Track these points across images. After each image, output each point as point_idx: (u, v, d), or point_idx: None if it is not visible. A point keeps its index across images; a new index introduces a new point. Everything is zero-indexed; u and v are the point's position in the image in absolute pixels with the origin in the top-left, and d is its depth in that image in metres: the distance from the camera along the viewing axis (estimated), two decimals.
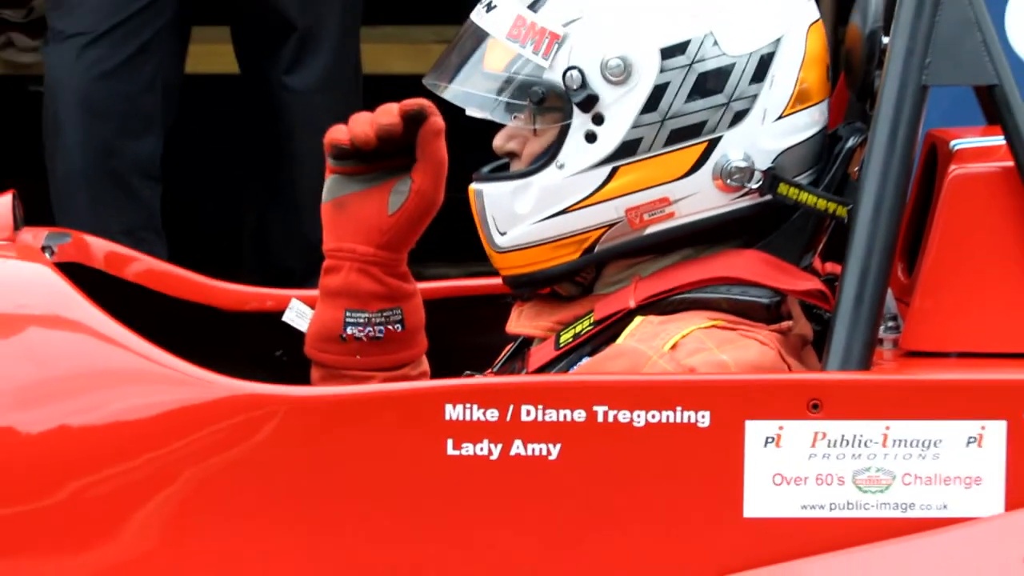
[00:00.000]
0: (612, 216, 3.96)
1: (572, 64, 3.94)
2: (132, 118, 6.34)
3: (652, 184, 3.95)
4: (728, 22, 3.99)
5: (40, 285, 3.78)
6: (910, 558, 3.52)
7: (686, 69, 3.95)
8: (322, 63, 6.37)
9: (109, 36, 6.10)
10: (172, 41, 6.20)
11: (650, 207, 3.96)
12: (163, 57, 6.06)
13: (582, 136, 3.96)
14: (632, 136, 3.94)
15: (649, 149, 3.95)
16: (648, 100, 3.93)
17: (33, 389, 3.62)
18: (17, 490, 3.55)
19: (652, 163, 3.97)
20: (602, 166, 3.95)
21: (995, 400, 3.52)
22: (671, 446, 3.52)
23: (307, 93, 6.51)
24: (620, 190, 3.96)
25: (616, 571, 3.59)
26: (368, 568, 3.62)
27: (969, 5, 3.71)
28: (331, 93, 6.39)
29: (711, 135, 3.94)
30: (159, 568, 3.58)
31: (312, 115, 6.28)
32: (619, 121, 3.95)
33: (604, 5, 4.02)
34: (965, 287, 3.69)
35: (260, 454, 3.58)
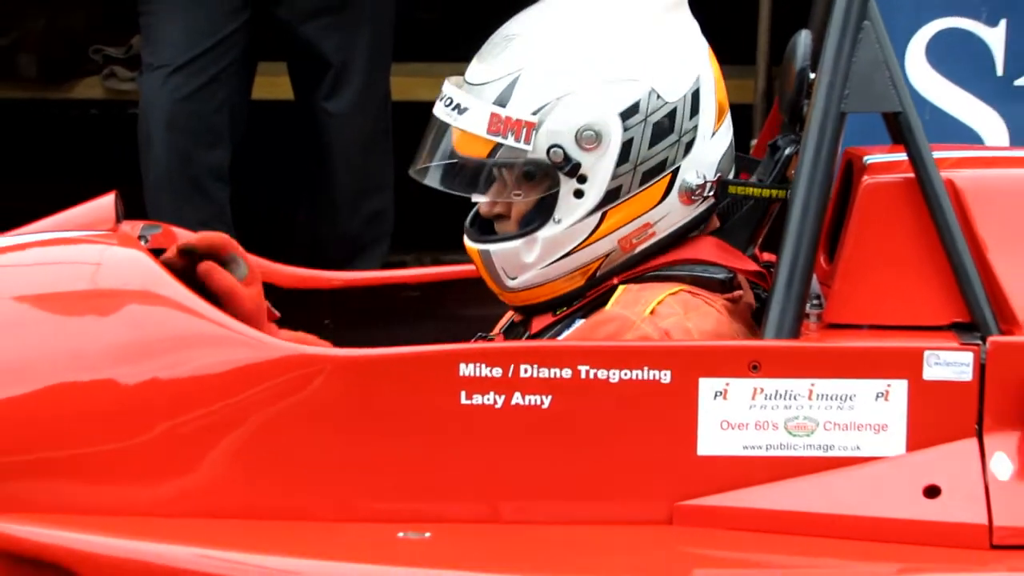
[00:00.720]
0: (608, 248, 3.93)
1: (552, 143, 3.86)
2: (206, 133, 6.35)
3: (635, 216, 3.91)
4: (661, 76, 3.96)
5: (136, 266, 3.69)
6: (830, 489, 3.49)
7: (643, 123, 3.90)
8: (353, 92, 6.38)
9: (187, 68, 6.19)
10: (239, 73, 6.29)
11: (636, 233, 3.93)
12: (231, 85, 6.19)
13: (571, 194, 3.89)
14: (613, 186, 3.88)
15: (628, 192, 3.90)
16: (620, 155, 3.87)
17: (130, 349, 3.56)
18: (118, 429, 3.48)
19: (632, 201, 3.91)
20: (593, 214, 3.88)
21: (898, 363, 3.49)
22: (639, 398, 3.49)
23: (341, 116, 6.48)
24: (611, 228, 3.90)
25: (595, 496, 3.57)
26: (395, 491, 3.55)
27: (879, 48, 3.70)
28: (361, 116, 6.43)
29: (672, 167, 3.91)
30: (230, 491, 3.51)
31: (345, 134, 6.38)
32: (600, 177, 3.88)
33: (564, 90, 3.95)
34: (874, 273, 3.66)
35: (310, 403, 3.54)
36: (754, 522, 3.50)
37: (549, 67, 3.97)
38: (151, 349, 3.57)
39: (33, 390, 3.53)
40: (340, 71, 6.27)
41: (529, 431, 3.49)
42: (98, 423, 3.51)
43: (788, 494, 3.48)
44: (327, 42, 6.24)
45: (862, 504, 3.48)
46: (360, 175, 6.36)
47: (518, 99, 3.91)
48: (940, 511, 3.38)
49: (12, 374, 3.56)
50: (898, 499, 3.44)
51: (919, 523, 3.41)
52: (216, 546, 3.37)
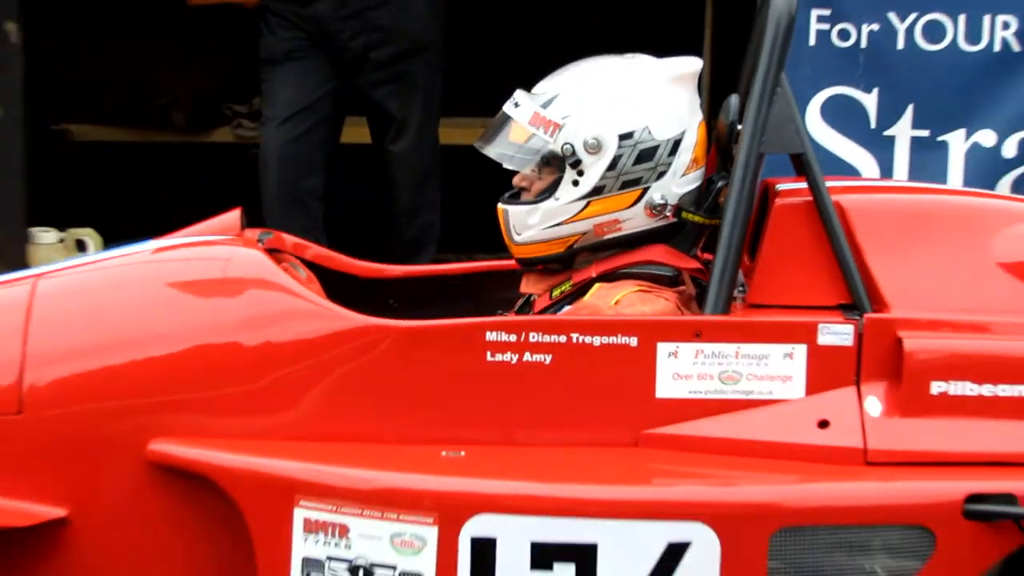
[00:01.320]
0: (585, 228, 4.05)
1: (566, 141, 4.00)
2: (306, 166, 6.35)
3: (609, 212, 4.03)
4: (657, 120, 4.06)
5: (254, 261, 3.89)
6: (751, 422, 3.64)
7: (632, 147, 4.02)
8: (410, 139, 6.37)
9: (292, 119, 6.14)
10: (330, 123, 6.30)
11: (608, 224, 4.05)
12: (325, 132, 6.12)
13: (570, 182, 4.03)
14: (599, 184, 4.02)
15: (609, 192, 4.03)
16: (610, 164, 4.01)
17: (250, 321, 3.74)
18: (243, 377, 3.67)
19: (610, 200, 4.03)
20: (580, 200, 4.01)
21: (800, 333, 3.64)
22: (614, 357, 3.65)
23: (401, 156, 6.45)
24: (591, 215, 4.03)
25: (583, 426, 3.69)
26: (439, 423, 3.70)
27: (788, 108, 3.81)
28: (416, 155, 6.41)
29: (645, 185, 4.03)
30: (323, 421, 3.69)
31: (404, 169, 6.38)
32: (592, 175, 4.02)
33: (586, 108, 4.05)
34: (783, 269, 3.82)
35: (379, 359, 3.69)
36: (696, 445, 3.65)
37: (582, 92, 4.13)
38: (266, 320, 3.74)
39: (184, 349, 3.71)
40: (400, 124, 6.34)
41: (535, 380, 3.65)
42: (229, 373, 3.69)
43: (721, 425, 3.64)
44: (391, 103, 6.32)
45: (774, 433, 3.61)
46: (415, 198, 6.42)
47: (555, 107, 4.06)
48: (830, 438, 3.54)
49: (169, 338, 3.73)
50: (800, 429, 3.58)
51: (815, 447, 3.55)
52: (314, 461, 3.54)
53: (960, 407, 3.57)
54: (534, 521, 3.41)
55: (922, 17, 5.85)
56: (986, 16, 5.83)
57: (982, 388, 3.55)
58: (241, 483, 3.50)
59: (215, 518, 3.60)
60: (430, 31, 6.37)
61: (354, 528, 3.42)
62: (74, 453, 3.65)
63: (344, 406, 3.73)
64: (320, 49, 6.25)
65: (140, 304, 3.91)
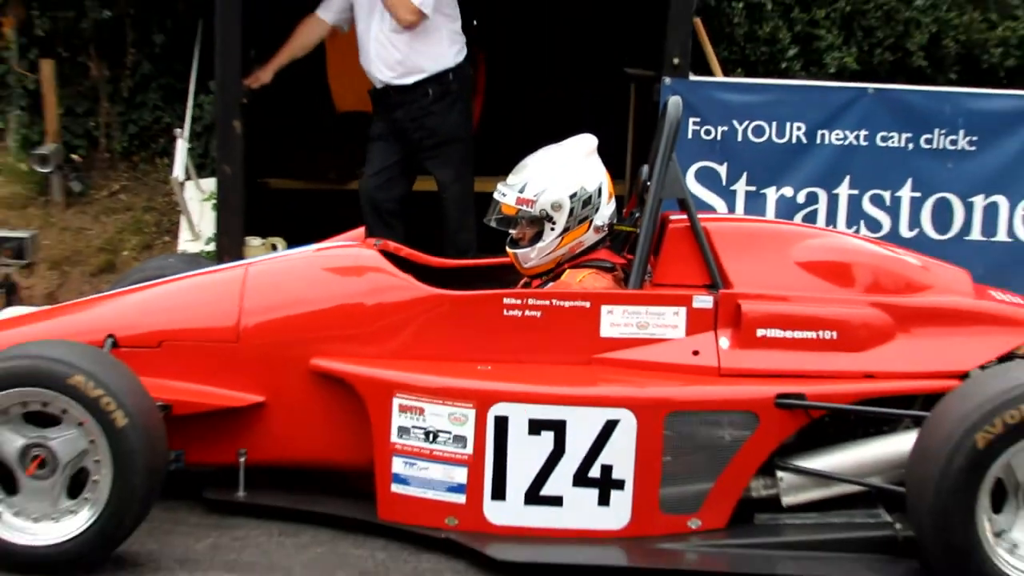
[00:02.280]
0: (563, 252, 4.18)
1: (541, 208, 4.11)
2: (390, 204, 6.08)
3: (575, 239, 4.16)
4: (586, 179, 4.16)
5: (372, 256, 4.09)
6: (654, 351, 3.88)
7: (578, 200, 4.13)
8: (450, 191, 6.07)
9: (377, 175, 5.96)
10: (404, 177, 6.11)
11: (575, 246, 4.18)
12: (401, 184, 6.08)
13: (549, 230, 4.16)
14: (565, 226, 4.13)
15: (571, 228, 4.14)
16: (568, 214, 4.11)
17: (369, 290, 3.92)
18: (363, 323, 3.88)
19: (573, 232, 4.14)
20: (557, 238, 4.13)
21: (682, 300, 3.84)
22: (576, 313, 3.86)
23: (446, 200, 6.09)
24: (565, 244, 4.17)
25: (559, 352, 3.92)
26: (477, 349, 3.89)
27: (676, 171, 4.00)
28: (454, 201, 6.07)
29: (590, 217, 4.16)
30: (412, 349, 3.87)
31: (449, 208, 6.06)
32: (560, 223, 4.12)
33: (547, 185, 4.14)
34: (674, 264, 3.99)
35: (442, 314, 3.91)
36: (623, 364, 3.85)
37: (540, 177, 4.19)
38: (378, 290, 3.96)
39: (331, 306, 3.97)
40: (443, 183, 6.11)
41: (531, 326, 3.89)
42: (356, 320, 3.94)
43: (637, 352, 3.86)
44: (436, 171, 6.10)
45: (667, 357, 3.86)
46: (457, 224, 6.16)
47: (528, 190, 4.14)
48: (699, 360, 3.84)
49: (322, 299, 3.98)
50: (682, 355, 3.86)
51: (691, 365, 3.83)
52: (404, 371, 3.78)
53: (773, 344, 3.84)
54: (530, 407, 3.69)
55: (751, 123, 5.95)
56: (787, 122, 5.94)
57: (786, 333, 3.83)
58: (363, 383, 3.79)
59: (346, 404, 3.86)
60: (460, 130, 6.15)
61: (427, 410, 3.71)
62: (268, 366, 3.94)
63: (421, 340, 3.96)
64: (396, 136, 6.09)
65: (306, 279, 4.15)
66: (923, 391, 3.79)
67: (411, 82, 5.96)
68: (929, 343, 3.88)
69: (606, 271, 4.27)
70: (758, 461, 3.73)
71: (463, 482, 3.72)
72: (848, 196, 6.12)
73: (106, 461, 3.39)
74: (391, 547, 3.78)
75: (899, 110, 6.06)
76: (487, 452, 3.71)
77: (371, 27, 5.97)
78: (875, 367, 3.83)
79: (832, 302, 3.96)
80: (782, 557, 3.67)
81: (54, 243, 6.62)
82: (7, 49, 6.92)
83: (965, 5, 7.38)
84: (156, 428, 3.52)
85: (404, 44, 5.93)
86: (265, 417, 3.95)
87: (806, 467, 3.78)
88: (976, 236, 6.09)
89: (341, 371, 3.85)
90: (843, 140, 6.04)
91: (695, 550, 3.67)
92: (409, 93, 5.99)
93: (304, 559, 3.69)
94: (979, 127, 6.04)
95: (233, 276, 4.14)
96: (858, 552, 3.68)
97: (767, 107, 6.06)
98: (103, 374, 3.44)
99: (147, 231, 6.84)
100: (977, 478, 3.27)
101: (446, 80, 6.02)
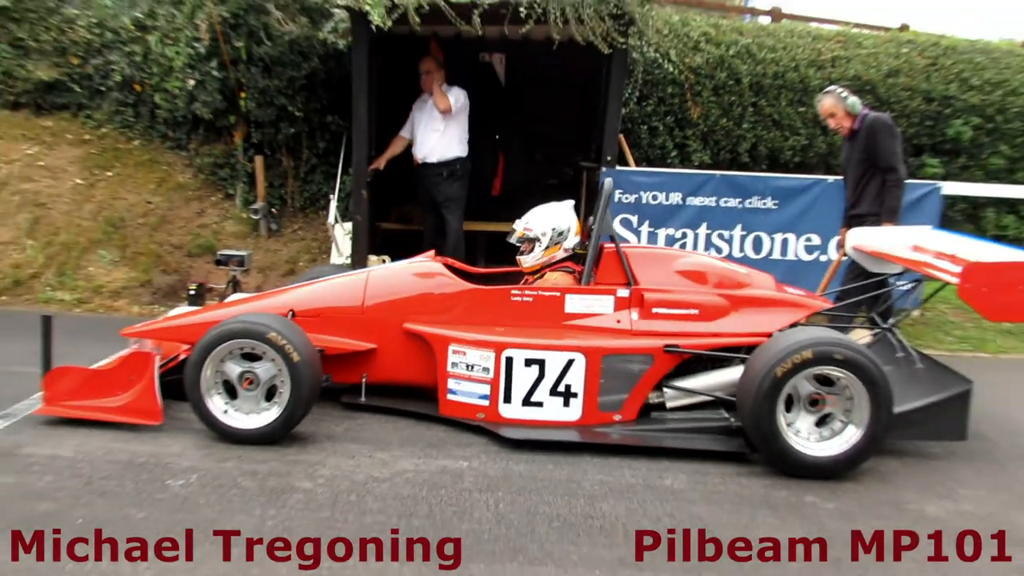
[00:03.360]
0: (545, 260, 4.10)
1: (535, 235, 4.07)
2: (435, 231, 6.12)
3: (551, 254, 4.10)
4: (559, 223, 4.09)
5: (436, 267, 4.00)
6: (595, 320, 3.79)
7: (556, 232, 4.09)
8: (452, 227, 5.89)
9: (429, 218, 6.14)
10: (433, 211, 6.09)
11: (552, 258, 4.10)
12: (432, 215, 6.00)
13: (538, 246, 4.09)
14: (547, 245, 4.08)
15: (549, 248, 4.08)
16: (550, 240, 4.07)
17: (436, 285, 3.90)
18: (433, 307, 3.86)
19: (550, 249, 4.10)
20: (543, 253, 4.07)
21: (610, 292, 3.79)
22: (552, 299, 3.81)
23: (449, 233, 5.96)
24: (546, 255, 4.09)
25: (547, 324, 3.80)
26: (493, 320, 3.80)
27: (608, 220, 3.97)
28: (455, 233, 5.94)
29: (561, 243, 4.09)
30: (456, 320, 3.81)
31: (451, 236, 5.85)
32: (544, 243, 4.08)
33: (541, 225, 4.10)
34: (606, 273, 3.90)
35: (476, 300, 3.84)
36: (577, 329, 3.76)
37: (536, 219, 4.13)
38: (441, 285, 3.89)
39: (414, 295, 3.88)
40: (450, 222, 5.88)
41: (527, 306, 3.81)
42: (428, 303, 3.87)
43: (586, 321, 3.78)
44: (446, 213, 5.89)
45: (603, 323, 3.76)
46: (455, 244, 5.94)
47: (529, 224, 4.08)
48: (620, 326, 3.77)
49: (409, 291, 3.89)
50: (610, 322, 3.77)
51: (615, 328, 3.73)
52: (455, 331, 3.72)
53: (662, 317, 3.78)
54: (525, 351, 3.65)
55: (650, 193, 6.02)
56: (670, 192, 6.05)
57: (669, 311, 3.79)
58: (433, 338, 3.76)
59: (422, 349, 3.80)
60: (458, 194, 6.00)
61: (468, 352, 3.70)
62: (379, 327, 3.87)
63: (464, 314, 3.85)
64: (421, 177, 5.92)
65: (401, 279, 4.00)
66: (746, 344, 3.74)
67: (433, 160, 5.97)
68: (750, 317, 3.85)
69: (569, 273, 4.13)
70: (653, 382, 3.72)
71: (487, 393, 3.71)
72: (705, 234, 6.20)
73: (287, 381, 3.49)
74: (448, 429, 3.80)
75: (734, 186, 6.17)
76: (500, 376, 3.68)
77: (421, 124, 6.00)
78: (720, 330, 3.77)
79: (694, 293, 3.88)
80: (666, 436, 3.64)
81: (260, 258, 6.71)
82: (236, 149, 7.02)
83: (771, 127, 7.46)
84: (315, 362, 3.58)
85: (436, 137, 5.95)
86: (377, 356, 3.92)
87: (680, 386, 3.76)
88: (776, 256, 6.17)
89: (420, 331, 3.82)
90: (702, 202, 6.16)
91: (617, 432, 3.65)
92: (433, 169, 6.00)
93: (398, 436, 3.73)
94: (778, 195, 6.16)
95: (360, 277, 4.04)
96: (709, 434, 3.67)
97: (659, 184, 6.14)
98: (286, 332, 3.51)
99: (312, 252, 6.87)
100: (776, 393, 3.34)
101: (453, 166, 6.01)
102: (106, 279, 6.27)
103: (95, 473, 3.19)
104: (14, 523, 2.77)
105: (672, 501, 3.19)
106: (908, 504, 3.26)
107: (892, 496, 3.33)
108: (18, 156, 6.86)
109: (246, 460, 3.40)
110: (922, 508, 3.23)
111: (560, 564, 2.66)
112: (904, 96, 7.69)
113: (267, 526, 2.83)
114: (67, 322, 5.28)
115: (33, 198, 6.65)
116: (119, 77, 7.07)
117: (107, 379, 3.74)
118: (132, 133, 7.25)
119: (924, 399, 3.58)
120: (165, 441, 3.55)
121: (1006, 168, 7.96)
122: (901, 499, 3.31)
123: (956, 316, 6.65)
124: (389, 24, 5.29)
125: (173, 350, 4.06)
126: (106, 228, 6.60)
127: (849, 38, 7.93)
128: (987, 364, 5.72)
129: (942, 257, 3.60)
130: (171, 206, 6.92)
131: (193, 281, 5.00)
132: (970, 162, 7.90)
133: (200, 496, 3.03)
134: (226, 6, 6.30)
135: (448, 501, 3.10)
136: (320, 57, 6.73)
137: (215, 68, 6.52)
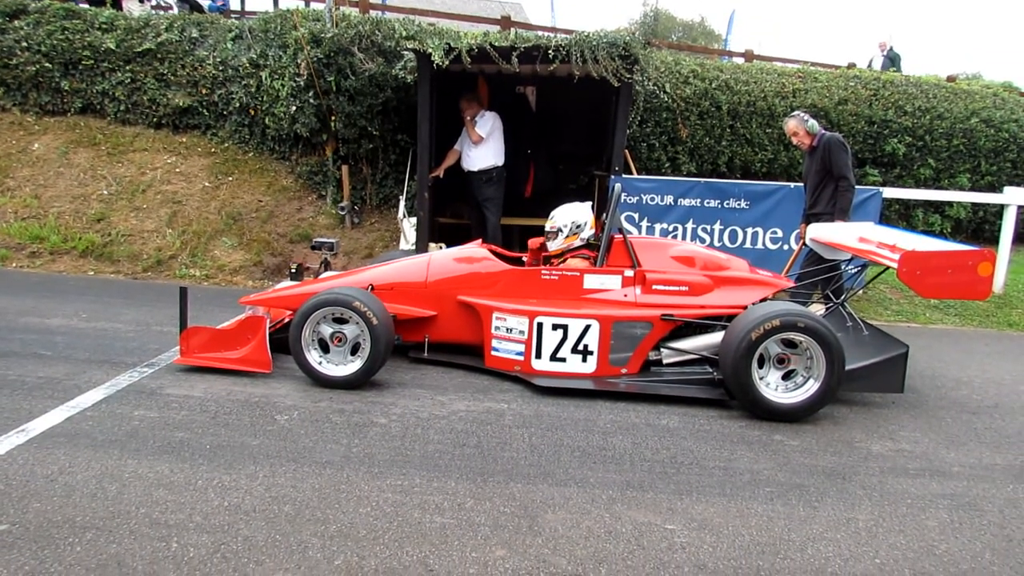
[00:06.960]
0: (565, 247, 3.95)
1: (560, 226, 3.93)
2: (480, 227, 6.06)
3: (570, 242, 3.96)
4: (578, 219, 3.97)
5: (483, 252, 3.88)
6: (605, 295, 3.68)
7: (575, 225, 3.95)
8: (491, 221, 5.74)
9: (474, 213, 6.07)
10: (476, 208, 6.01)
11: (571, 244, 3.97)
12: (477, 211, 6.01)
13: (562, 235, 3.96)
14: (568, 234, 3.94)
15: (568, 237, 3.95)
16: (570, 230, 3.93)
17: (484, 266, 3.76)
18: (480, 284, 3.73)
19: (569, 238, 3.96)
20: (565, 239, 3.93)
21: (619, 272, 3.68)
22: (573, 279, 3.69)
23: (489, 225, 5.86)
24: (567, 242, 3.95)
25: (567, 298, 3.69)
26: (525, 297, 3.68)
27: (618, 218, 3.77)
28: (494, 227, 5.77)
29: (579, 233, 3.95)
30: (499, 295, 3.69)
31: (491, 228, 5.66)
32: (565, 232, 3.94)
33: (564, 220, 3.98)
34: (616, 258, 3.79)
35: (514, 279, 3.72)
36: (594, 301, 3.60)
37: (560, 215, 4.00)
38: (486, 266, 3.78)
39: (465, 274, 3.76)
40: (489, 217, 5.72)
41: (553, 283, 3.69)
42: (476, 281, 3.76)
43: (600, 295, 3.64)
44: (485, 211, 5.73)
45: (613, 297, 3.65)
46: (493, 233, 5.80)
47: (555, 219, 3.94)
48: (627, 299, 3.59)
49: (462, 270, 3.78)
50: (619, 296, 3.66)
51: (623, 301, 3.62)
52: (498, 302, 3.61)
53: (660, 292, 3.67)
54: (553, 318, 3.53)
55: (648, 195, 5.84)
56: (664, 195, 5.92)
57: (666, 287, 3.69)
58: (481, 307, 3.66)
59: (472, 316, 3.71)
60: (496, 195, 5.89)
61: (508, 319, 3.61)
62: (439, 298, 3.77)
63: (505, 289, 3.74)
64: (468, 182, 5.81)
65: (455, 261, 3.87)
66: (727, 314, 3.65)
67: (476, 169, 5.92)
68: (729, 293, 3.75)
69: (586, 259, 4.01)
70: (652, 343, 3.62)
71: (522, 351, 3.62)
72: (691, 228, 6.05)
73: (368, 339, 3.37)
74: (491, 379, 3.75)
75: (715, 190, 6.01)
76: (533, 337, 3.59)
77: (464, 144, 5.98)
78: (705, 303, 3.68)
79: (685, 273, 3.78)
80: (663, 386, 3.54)
81: (346, 244, 6.61)
82: (327, 160, 6.96)
83: (745, 145, 7.22)
84: (389, 325, 3.50)
85: (476, 153, 5.90)
86: (437, 320, 3.83)
87: (675, 346, 3.66)
88: (748, 246, 6.01)
89: (471, 302, 3.73)
90: (689, 203, 6.00)
91: (624, 382, 3.55)
92: (476, 175, 5.94)
93: (452, 383, 3.66)
94: (750, 197, 6.00)
95: (424, 259, 3.95)
96: (697, 385, 3.56)
97: (656, 188, 5.99)
98: (368, 301, 3.46)
99: (385, 240, 6.72)
100: (751, 353, 3.25)
101: (491, 173, 5.93)
102: (227, 260, 6.33)
103: (220, 409, 3.19)
104: (160, 446, 2.79)
105: (668, 437, 3.15)
106: (857, 443, 3.22)
107: (844, 436, 3.28)
108: (160, 165, 7.02)
109: (336, 401, 3.37)
110: (868, 447, 3.18)
111: (580, 485, 2.64)
112: (851, 119, 7.57)
113: (353, 452, 2.82)
114: (197, 293, 5.35)
115: (171, 197, 6.77)
116: (238, 104, 7.16)
117: (229, 336, 3.73)
118: (247, 147, 7.31)
119: (869, 359, 3.52)
120: (274, 385, 3.53)
121: (932, 177, 7.88)
122: (852, 438, 3.26)
123: (893, 294, 6.54)
124: (447, 63, 5.27)
125: (279, 315, 4.04)
126: (227, 220, 6.66)
127: (807, 74, 7.79)
128: (919, 333, 5.63)
129: (884, 247, 3.52)
130: (277, 204, 6.95)
131: (294, 262, 4.97)
132: (903, 172, 7.81)
133: (300, 428, 3.02)
134: (320, 49, 6.33)
135: (492, 434, 3.07)
136: (393, 89, 6.68)
137: (312, 97, 6.55)
